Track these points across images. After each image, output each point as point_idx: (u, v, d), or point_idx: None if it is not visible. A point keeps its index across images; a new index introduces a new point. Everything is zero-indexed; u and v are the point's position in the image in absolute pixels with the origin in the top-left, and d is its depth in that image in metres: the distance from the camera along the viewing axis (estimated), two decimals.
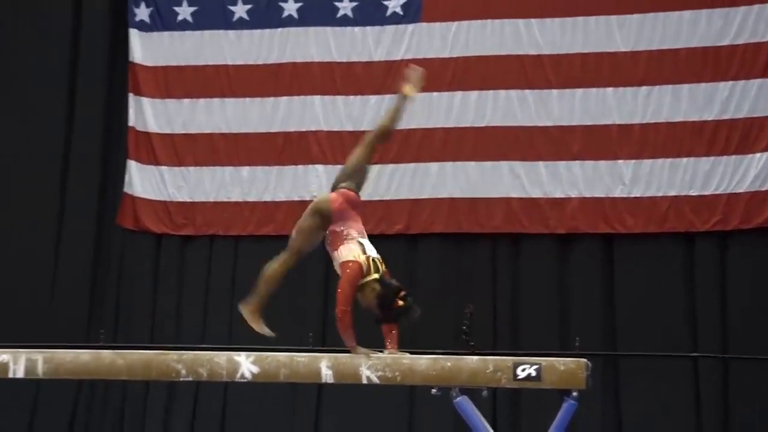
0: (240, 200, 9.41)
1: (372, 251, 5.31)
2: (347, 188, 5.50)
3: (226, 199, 9.39)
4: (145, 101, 9.60)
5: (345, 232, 5.34)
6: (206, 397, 9.17)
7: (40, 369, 5.05)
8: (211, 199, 9.42)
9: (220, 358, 5.08)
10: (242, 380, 5.09)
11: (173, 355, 5.10)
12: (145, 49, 9.66)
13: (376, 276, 5.19)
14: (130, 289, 9.48)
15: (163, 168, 9.50)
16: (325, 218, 5.38)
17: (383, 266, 5.30)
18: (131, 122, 9.61)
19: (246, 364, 5.05)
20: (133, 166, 9.56)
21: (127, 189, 9.54)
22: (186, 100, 9.61)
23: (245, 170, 9.42)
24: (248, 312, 5.41)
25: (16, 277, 9.44)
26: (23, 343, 6.48)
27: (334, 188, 5.56)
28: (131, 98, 9.64)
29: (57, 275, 9.49)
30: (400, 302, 5.18)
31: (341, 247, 5.30)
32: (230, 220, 9.39)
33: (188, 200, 9.41)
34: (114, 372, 5.11)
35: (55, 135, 9.68)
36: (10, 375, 5.07)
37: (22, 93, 9.76)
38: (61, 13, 9.80)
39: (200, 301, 9.35)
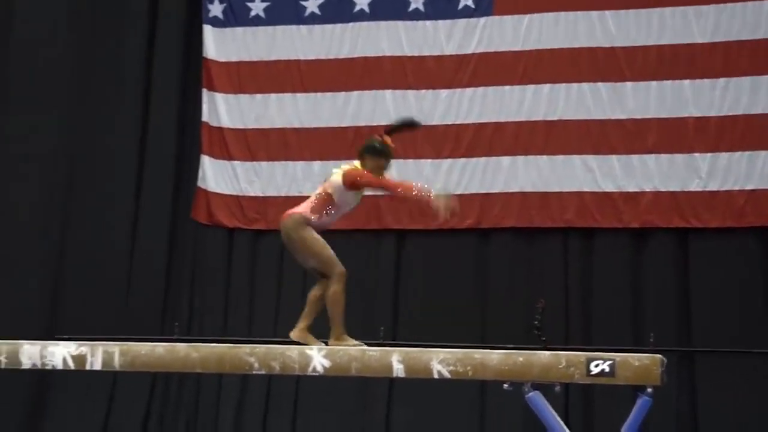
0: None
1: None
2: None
3: (297, 194, 9.37)
4: (219, 96, 9.68)
5: (320, 194, 5.74)
6: (278, 390, 9.23)
7: (116, 361, 5.13)
8: (283, 194, 9.46)
9: (292, 351, 5.11)
10: (314, 374, 5.11)
11: (246, 348, 5.14)
12: (218, 44, 9.75)
13: (356, 163, 5.73)
14: (203, 282, 9.58)
15: (236, 163, 9.58)
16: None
17: None
18: (205, 117, 9.70)
19: (318, 358, 5.07)
20: (206, 160, 9.66)
21: (200, 183, 9.64)
22: (258, 95, 9.68)
23: (317, 165, 9.45)
24: (339, 343, 5.55)
25: (94, 272, 9.59)
26: (100, 336, 6.63)
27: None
28: (205, 93, 9.73)
29: (133, 269, 9.63)
30: (387, 139, 5.78)
31: (332, 191, 5.70)
32: None
33: (260, 195, 9.46)
34: (188, 365, 5.16)
35: (130, 130, 9.81)
36: (88, 367, 5.14)
37: (98, 89, 9.91)
38: (137, 9, 9.94)
39: (272, 294, 9.42)
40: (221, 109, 9.65)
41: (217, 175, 9.60)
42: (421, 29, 9.40)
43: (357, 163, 5.76)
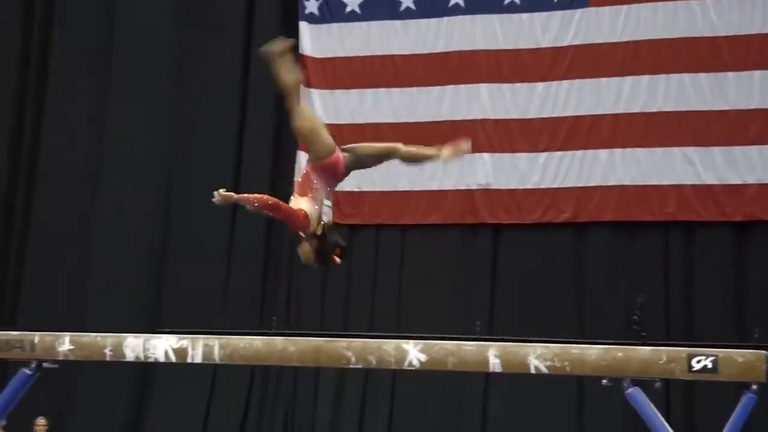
0: (407, 189, 9.42)
1: (326, 217, 5.32)
2: (348, 157, 5.35)
3: (392, 189, 9.44)
4: (315, 92, 9.73)
5: (315, 185, 5.27)
6: (375, 381, 9.25)
7: (216, 354, 5.18)
8: (378, 189, 9.47)
9: (389, 345, 5.07)
10: (410, 368, 5.09)
11: (342, 342, 5.13)
12: (314, 41, 9.80)
13: (318, 231, 5.22)
14: (300, 277, 9.64)
15: None
16: (319, 144, 5.25)
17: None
18: None
19: (414, 352, 5.04)
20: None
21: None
22: (354, 91, 9.71)
23: None
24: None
25: (194, 267, 9.75)
26: (201, 330, 6.73)
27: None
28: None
29: (231, 265, 9.76)
30: (337, 259, 5.36)
31: (301, 198, 5.23)
32: (397, 210, 9.41)
33: (356, 190, 9.45)
34: (286, 358, 5.18)
35: (229, 128, 9.93)
36: (189, 360, 5.20)
37: (197, 88, 10.07)
38: (234, 8, 10.05)
39: (368, 289, 9.45)
40: (317, 105, 9.68)
41: None
42: (517, 22, 9.31)
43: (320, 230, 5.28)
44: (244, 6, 10.04)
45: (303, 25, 9.82)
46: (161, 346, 5.21)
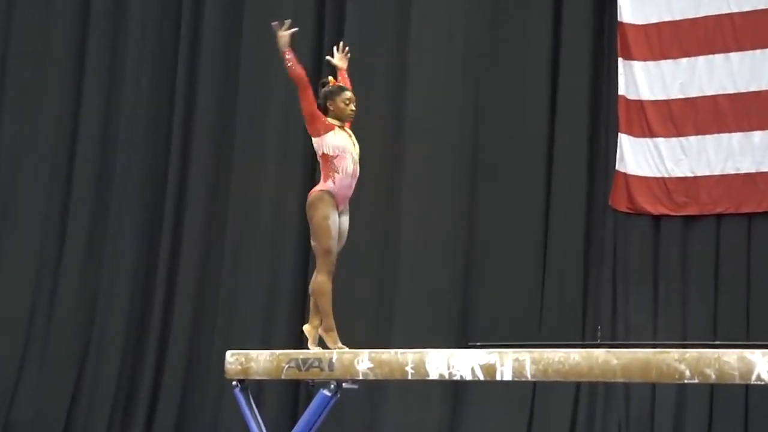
0: (752, 171, 9.11)
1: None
2: None
3: (734, 171, 9.15)
4: (636, 65, 9.57)
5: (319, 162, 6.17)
6: (723, 398, 8.99)
7: (528, 371, 5.20)
8: (717, 172, 9.23)
9: (730, 356, 4.91)
10: (759, 383, 4.89)
11: (674, 353, 5.02)
12: (634, 5, 9.66)
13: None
14: (626, 279, 9.50)
15: (659, 140, 9.42)
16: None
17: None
18: (621, 91, 9.60)
19: (763, 364, 4.85)
20: (624, 140, 9.57)
21: (618, 166, 9.57)
22: (683, 60, 9.50)
23: (757, 135, 9.13)
24: (328, 335, 5.92)
25: (504, 270, 9.83)
26: (513, 342, 6.80)
27: None
28: (621, 63, 9.66)
29: (547, 267, 9.74)
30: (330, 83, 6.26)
31: (320, 150, 6.11)
32: (741, 196, 9.10)
33: (689, 175, 9.26)
34: (608, 373, 5.13)
35: (538, 109, 9.93)
36: (498, 377, 5.26)
37: (502, 64, 10.18)
38: None
39: (708, 291, 9.19)
40: (640, 80, 9.53)
41: (637, 156, 9.47)
42: None
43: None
44: None
45: None
46: (467, 363, 5.29)
